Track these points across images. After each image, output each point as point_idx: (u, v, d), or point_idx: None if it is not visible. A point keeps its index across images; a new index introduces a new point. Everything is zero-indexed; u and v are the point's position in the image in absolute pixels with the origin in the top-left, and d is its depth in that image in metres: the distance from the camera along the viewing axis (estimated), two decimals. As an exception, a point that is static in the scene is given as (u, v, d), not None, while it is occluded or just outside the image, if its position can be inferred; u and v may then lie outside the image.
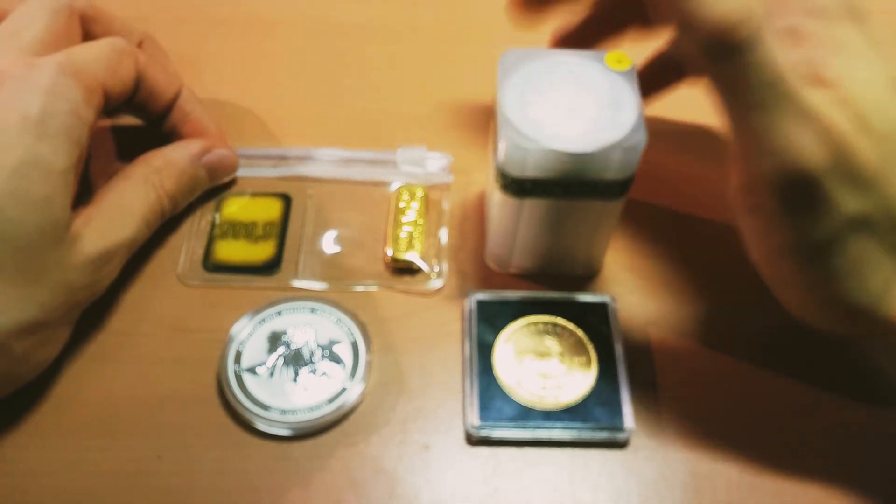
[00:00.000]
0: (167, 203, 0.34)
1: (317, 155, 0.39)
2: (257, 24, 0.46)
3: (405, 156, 0.39)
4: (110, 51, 0.32)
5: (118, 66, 0.32)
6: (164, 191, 0.34)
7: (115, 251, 0.31)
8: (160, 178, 0.34)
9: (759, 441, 0.31)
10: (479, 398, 0.31)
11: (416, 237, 0.36)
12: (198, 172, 0.36)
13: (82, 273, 0.29)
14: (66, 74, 0.29)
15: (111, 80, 0.31)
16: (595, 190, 0.30)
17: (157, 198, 0.33)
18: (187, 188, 0.35)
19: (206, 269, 0.35)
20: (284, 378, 0.31)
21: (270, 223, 0.37)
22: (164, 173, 0.34)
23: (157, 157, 0.34)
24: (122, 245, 0.31)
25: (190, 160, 0.35)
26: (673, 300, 0.35)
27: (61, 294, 0.29)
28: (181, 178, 0.35)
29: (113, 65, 0.32)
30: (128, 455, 0.30)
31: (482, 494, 0.29)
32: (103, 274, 0.31)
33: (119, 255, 0.31)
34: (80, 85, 0.29)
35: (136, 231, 0.32)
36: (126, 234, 0.31)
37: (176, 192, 0.34)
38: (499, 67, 0.30)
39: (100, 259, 0.30)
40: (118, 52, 0.32)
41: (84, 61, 0.30)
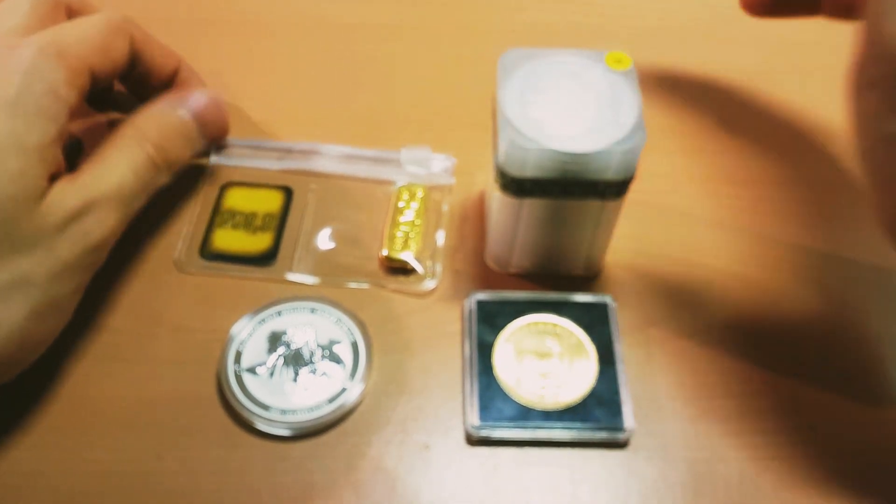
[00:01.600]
0: (154, 152, 0.33)
1: (322, 150, 0.39)
2: (266, 25, 0.47)
3: (409, 156, 0.39)
4: (103, 27, 0.32)
5: (109, 45, 0.32)
6: (147, 141, 0.33)
7: (95, 202, 0.30)
8: (142, 130, 0.33)
9: (759, 441, 0.31)
10: (479, 398, 0.31)
11: (413, 237, 0.36)
12: (181, 119, 0.35)
13: (61, 228, 0.29)
14: (48, 55, 0.29)
15: (100, 59, 0.31)
16: (595, 190, 0.30)
17: (140, 148, 0.32)
18: (174, 135, 0.34)
19: (203, 256, 0.35)
20: (284, 378, 0.31)
21: (270, 215, 0.37)
22: (146, 125, 0.33)
23: (135, 116, 0.34)
24: (105, 196, 0.30)
25: (168, 108, 0.35)
26: (673, 300, 0.35)
27: (39, 253, 0.28)
28: (162, 126, 0.34)
29: (104, 43, 0.32)
30: (128, 455, 0.30)
31: (482, 494, 0.29)
32: (87, 226, 0.30)
33: (105, 206, 0.30)
34: (61, 65, 0.29)
35: (120, 180, 0.31)
36: (108, 184, 0.31)
37: (160, 140, 0.33)
38: (499, 67, 0.30)
39: (79, 212, 0.29)
40: (112, 28, 0.32)
41: (70, 41, 0.30)
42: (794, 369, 0.33)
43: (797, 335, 0.34)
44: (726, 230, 0.37)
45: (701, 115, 0.43)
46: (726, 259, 0.36)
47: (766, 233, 0.37)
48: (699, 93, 0.44)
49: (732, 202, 0.39)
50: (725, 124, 0.42)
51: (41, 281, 0.28)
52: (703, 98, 0.44)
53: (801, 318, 0.34)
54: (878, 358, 0.33)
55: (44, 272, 0.28)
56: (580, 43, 0.46)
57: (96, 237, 0.30)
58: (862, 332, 0.34)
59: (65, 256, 0.29)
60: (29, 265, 0.28)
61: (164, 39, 0.38)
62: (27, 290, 0.28)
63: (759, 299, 0.35)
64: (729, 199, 0.39)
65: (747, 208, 0.38)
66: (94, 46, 0.31)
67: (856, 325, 0.34)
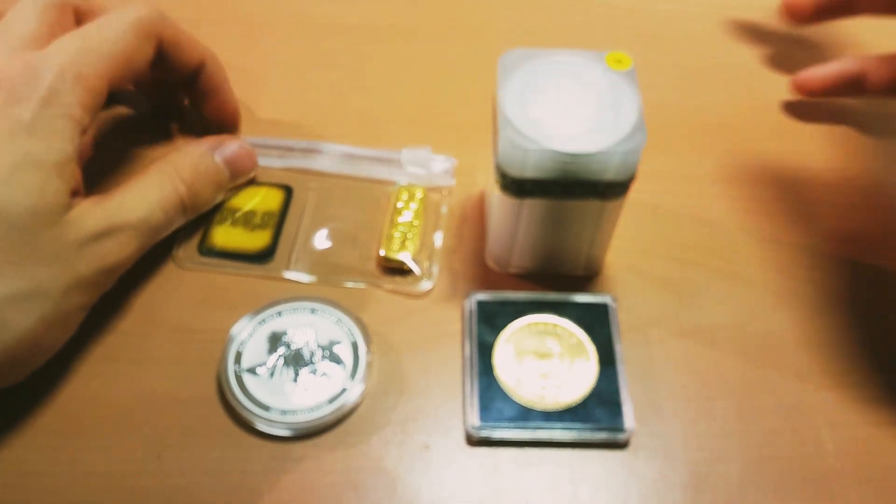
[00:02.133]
0: (185, 192, 0.34)
1: (323, 149, 0.39)
2: (267, 25, 0.47)
3: (410, 156, 0.39)
4: (130, 36, 0.32)
5: (133, 54, 0.32)
6: (180, 180, 0.34)
7: (119, 228, 0.31)
8: (175, 168, 0.34)
9: (759, 441, 0.31)
10: (479, 398, 0.31)
11: (410, 238, 0.36)
12: (214, 164, 0.36)
13: (80, 247, 0.29)
14: (66, 80, 0.29)
15: (121, 71, 0.32)
16: (595, 190, 0.30)
17: (172, 186, 0.33)
18: (206, 179, 0.35)
19: (202, 253, 0.35)
20: (284, 378, 0.31)
21: (269, 213, 0.37)
22: (179, 164, 0.34)
23: (172, 152, 0.35)
24: (128, 223, 0.31)
25: (204, 152, 0.35)
26: (673, 300, 0.35)
27: (57, 266, 0.29)
28: (197, 168, 0.35)
29: (127, 53, 0.32)
30: (128, 455, 0.30)
31: (482, 494, 0.29)
32: (107, 249, 0.30)
33: (127, 233, 0.31)
34: (79, 88, 0.30)
35: (148, 213, 0.32)
36: (135, 214, 0.31)
37: (193, 181, 0.34)
38: (499, 67, 0.30)
39: (102, 233, 0.30)
40: (140, 33, 0.32)
41: (92, 59, 0.30)
42: (794, 369, 0.33)
43: (797, 335, 0.34)
44: (726, 230, 0.37)
45: (701, 115, 0.43)
46: (726, 259, 0.36)
47: (766, 233, 0.37)
48: (699, 93, 0.44)
49: (732, 202, 0.39)
50: (725, 124, 0.42)
51: (56, 293, 0.29)
52: (703, 98, 0.44)
53: (801, 318, 0.34)
54: (878, 358, 0.33)
55: (60, 285, 0.29)
56: (580, 43, 0.46)
57: (113, 260, 0.31)
58: (862, 332, 0.34)
59: (81, 272, 0.30)
60: (47, 276, 0.28)
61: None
62: (42, 300, 0.28)
63: (759, 299, 0.35)
64: (729, 199, 0.39)
65: (747, 208, 0.38)
66: (117, 61, 0.31)
67: (856, 326, 0.34)
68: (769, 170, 0.40)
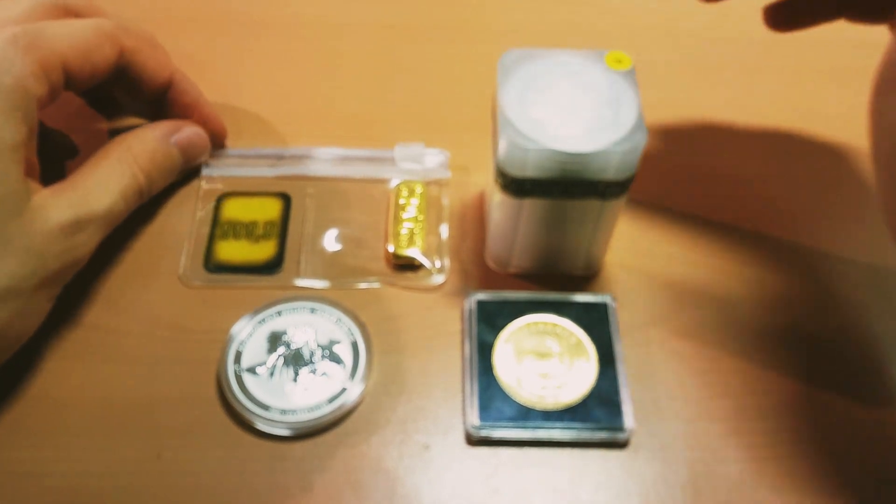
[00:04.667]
0: (143, 180, 0.34)
1: (315, 154, 0.39)
2: (254, 23, 0.46)
3: (403, 152, 0.39)
4: (90, 31, 0.31)
5: (93, 48, 0.31)
6: (138, 168, 0.33)
7: (86, 220, 0.30)
8: (133, 155, 0.34)
9: (759, 441, 0.31)
10: (479, 398, 0.31)
11: (417, 233, 0.36)
12: (170, 151, 0.36)
13: (50, 241, 0.29)
14: (17, 46, 0.29)
15: (79, 60, 0.31)
16: (595, 190, 0.30)
17: (132, 174, 0.33)
18: (161, 166, 0.35)
19: (208, 269, 0.35)
20: (284, 378, 0.31)
21: (271, 222, 0.37)
22: (137, 151, 0.34)
23: (129, 137, 0.34)
24: (95, 216, 0.31)
25: (161, 138, 0.35)
26: (673, 300, 0.35)
27: (30, 262, 0.28)
28: (154, 155, 0.34)
29: (86, 44, 0.31)
30: (128, 455, 0.30)
31: (482, 494, 0.29)
32: (76, 243, 0.30)
33: (93, 226, 0.31)
34: (31, 58, 0.29)
35: (112, 204, 0.32)
36: (100, 205, 0.31)
37: (151, 169, 0.34)
38: (499, 67, 0.30)
39: (70, 227, 0.30)
40: (99, 33, 0.32)
41: (47, 35, 0.30)
42: (794, 369, 0.33)
43: (797, 335, 0.34)
44: (726, 230, 0.37)
45: (701, 115, 0.43)
46: (726, 259, 0.36)
47: (766, 233, 0.37)
48: (699, 93, 0.44)
49: (732, 202, 0.39)
50: (725, 124, 0.42)
51: (28, 288, 0.29)
52: (703, 98, 0.44)
53: (801, 317, 0.34)
54: (878, 358, 0.33)
55: (32, 281, 0.29)
56: (580, 43, 0.46)
57: (81, 254, 0.31)
58: (862, 332, 0.34)
59: (52, 267, 0.29)
60: (20, 271, 0.28)
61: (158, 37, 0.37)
62: (15, 295, 0.28)
63: (759, 299, 0.35)
64: (728, 199, 0.39)
65: (747, 208, 0.38)
66: (74, 45, 0.31)
67: (856, 325, 0.34)
68: (769, 169, 0.40)
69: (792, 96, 0.44)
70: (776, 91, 0.44)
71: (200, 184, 0.38)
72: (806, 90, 0.44)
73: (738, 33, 0.47)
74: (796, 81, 0.45)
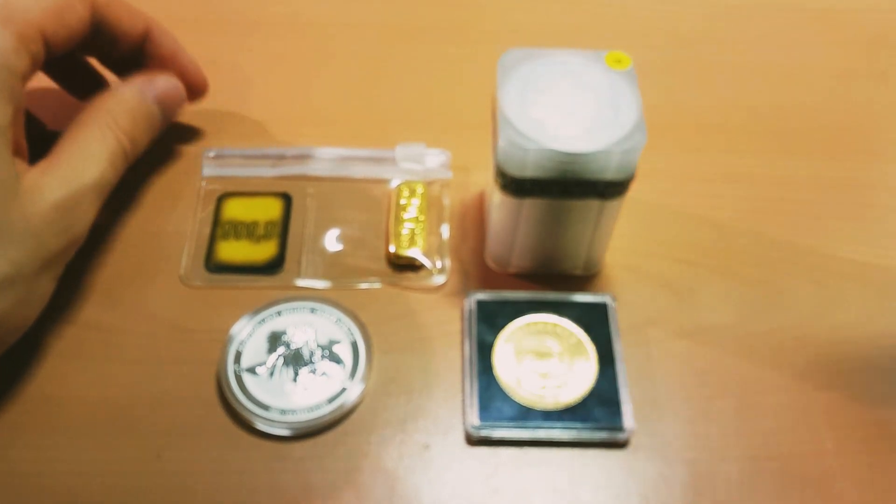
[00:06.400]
0: (127, 143, 0.33)
1: (316, 154, 0.39)
2: (254, 23, 0.46)
3: (404, 152, 0.39)
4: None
5: (64, 9, 0.30)
6: (120, 130, 0.32)
7: (81, 195, 0.30)
8: (114, 117, 0.32)
9: (759, 441, 0.31)
10: (479, 398, 0.31)
11: (418, 233, 0.36)
12: (150, 109, 0.34)
13: (47, 221, 0.28)
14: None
15: (53, 24, 0.30)
16: (595, 190, 0.30)
17: (115, 138, 0.32)
18: (143, 125, 0.34)
19: (209, 269, 0.35)
20: (284, 378, 0.31)
21: (272, 222, 0.37)
22: (117, 113, 0.33)
23: (107, 100, 0.33)
24: (88, 188, 0.30)
25: (139, 96, 0.34)
26: (673, 300, 0.35)
27: (30, 245, 0.28)
28: (135, 115, 0.33)
29: (57, 7, 0.30)
30: (128, 455, 0.30)
31: (482, 494, 0.29)
32: (74, 220, 0.30)
33: (87, 198, 0.30)
34: (9, 32, 0.28)
35: (101, 173, 0.31)
36: (90, 176, 0.30)
37: (132, 130, 0.33)
38: (499, 67, 0.30)
39: (65, 204, 0.29)
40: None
41: (17, 6, 0.29)
42: (794, 369, 0.33)
43: (797, 335, 0.34)
44: (726, 230, 0.37)
45: (701, 115, 0.43)
46: (726, 259, 0.36)
47: (766, 233, 0.37)
48: (699, 93, 0.44)
49: (732, 202, 0.39)
50: (725, 124, 0.42)
51: (30, 273, 0.28)
52: (703, 98, 0.44)
53: (801, 317, 0.34)
54: (877, 358, 0.33)
55: (34, 265, 0.28)
56: (580, 43, 0.46)
57: (79, 230, 0.30)
58: (861, 332, 0.34)
59: (52, 248, 0.29)
60: (21, 257, 0.28)
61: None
62: (18, 282, 0.28)
63: (759, 299, 0.35)
64: (729, 199, 0.39)
65: (747, 208, 0.38)
66: (46, 10, 0.29)
67: (856, 325, 0.34)
68: (769, 169, 0.40)
69: (792, 96, 0.44)
70: (776, 91, 0.44)
71: (201, 184, 0.38)
72: (807, 90, 0.44)
73: (738, 33, 0.47)
74: (797, 81, 0.45)
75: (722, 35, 0.47)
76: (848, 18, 0.48)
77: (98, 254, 0.35)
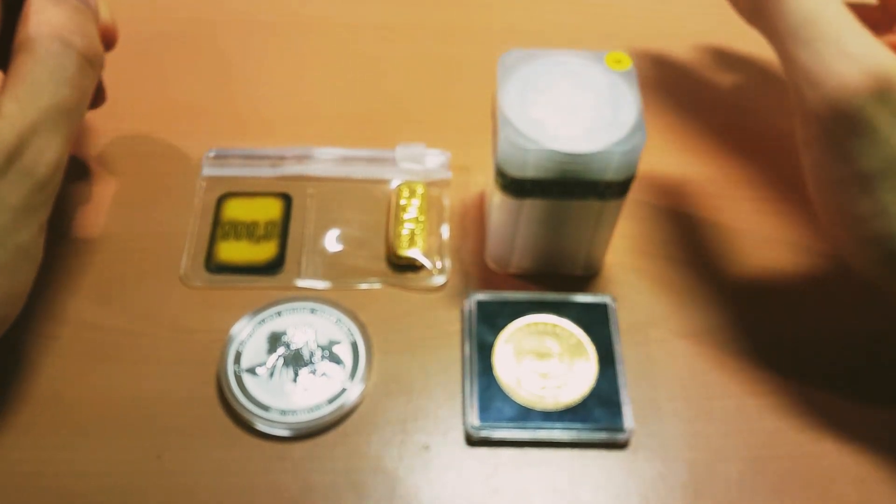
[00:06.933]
0: (85, 47, 0.28)
1: (315, 154, 0.39)
2: (254, 23, 0.46)
3: (404, 153, 0.39)
4: None
5: None
6: (74, 35, 0.28)
7: (30, 130, 0.26)
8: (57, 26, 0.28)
9: (759, 441, 0.31)
10: (479, 398, 0.31)
11: (418, 234, 0.36)
12: (71, 1, 0.29)
13: (3, 175, 0.25)
14: None
15: None
16: (595, 190, 0.30)
17: (66, 48, 0.27)
18: (88, 23, 0.29)
19: (209, 270, 0.35)
20: (284, 378, 0.31)
21: (272, 223, 0.37)
22: (48, 17, 0.28)
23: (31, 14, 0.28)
24: (38, 120, 0.26)
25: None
26: (673, 300, 0.35)
27: None
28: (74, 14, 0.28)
29: None
30: (128, 455, 0.30)
31: (482, 494, 0.29)
32: (29, 163, 0.26)
33: (40, 132, 0.26)
34: None
35: (54, 96, 0.27)
36: (40, 105, 0.26)
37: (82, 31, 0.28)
38: (499, 67, 0.30)
39: (15, 148, 0.25)
40: None
41: None
42: (794, 369, 0.33)
43: (797, 335, 0.34)
44: (726, 230, 0.37)
45: (701, 115, 0.43)
46: (726, 259, 0.36)
47: (766, 233, 0.37)
48: (699, 93, 0.44)
49: (733, 202, 0.38)
50: (726, 124, 0.42)
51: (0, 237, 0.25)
52: (703, 98, 0.44)
53: (801, 317, 0.34)
54: (877, 358, 0.33)
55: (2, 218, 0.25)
56: (580, 43, 0.46)
57: (42, 172, 0.26)
58: (861, 332, 0.34)
59: (14, 202, 0.26)
60: None
61: (159, 39, 0.37)
62: None
63: (759, 299, 0.35)
64: (729, 199, 0.39)
65: (747, 208, 0.38)
66: None
67: (855, 325, 0.34)
68: (769, 169, 0.40)
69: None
70: (777, 91, 0.44)
71: (201, 184, 0.38)
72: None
73: (738, 33, 0.47)
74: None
75: (722, 35, 0.47)
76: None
77: (98, 254, 0.35)
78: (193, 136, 0.40)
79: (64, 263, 0.35)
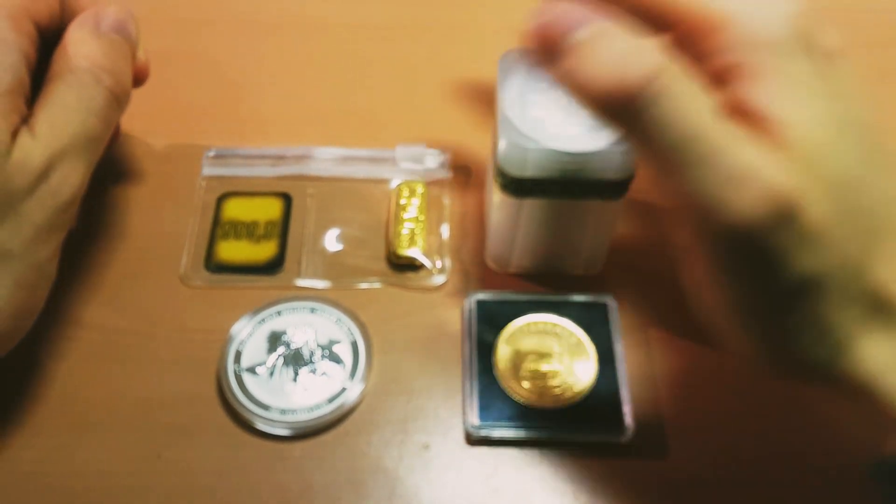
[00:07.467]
0: (113, 84, 0.29)
1: (315, 154, 0.39)
2: (255, 24, 0.46)
3: (404, 153, 0.39)
4: None
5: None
6: (104, 72, 0.29)
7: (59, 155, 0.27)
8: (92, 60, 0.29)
9: (759, 441, 0.31)
10: (479, 398, 0.31)
11: (418, 233, 0.36)
12: (118, 40, 0.31)
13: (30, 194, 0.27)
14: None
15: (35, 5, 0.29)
16: (595, 190, 0.30)
17: (96, 82, 0.29)
18: (122, 60, 0.31)
19: (209, 269, 0.35)
20: (284, 378, 0.31)
21: (272, 222, 0.37)
22: (86, 51, 0.29)
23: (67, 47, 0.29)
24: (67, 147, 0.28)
25: (94, 29, 0.30)
26: (673, 300, 0.35)
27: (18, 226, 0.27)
28: (103, 47, 0.30)
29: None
30: (128, 455, 0.30)
31: (482, 494, 0.29)
32: (55, 186, 0.27)
33: (69, 159, 0.28)
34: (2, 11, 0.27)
35: (83, 125, 0.28)
36: (70, 133, 0.28)
37: (114, 67, 0.30)
38: (499, 67, 0.30)
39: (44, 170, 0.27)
40: None
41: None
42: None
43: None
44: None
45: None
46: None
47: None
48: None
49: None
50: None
51: (19, 251, 0.27)
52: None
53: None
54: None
55: (20, 241, 0.27)
56: (580, 43, 0.46)
57: (66, 195, 0.28)
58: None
59: (38, 221, 0.27)
60: (4, 236, 0.26)
61: (158, 39, 0.37)
62: (8, 262, 0.27)
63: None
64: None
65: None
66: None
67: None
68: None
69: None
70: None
71: (201, 184, 0.38)
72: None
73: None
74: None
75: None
76: (848, 18, 0.48)
77: (98, 254, 0.35)
78: (193, 136, 0.40)
79: (63, 263, 0.35)
